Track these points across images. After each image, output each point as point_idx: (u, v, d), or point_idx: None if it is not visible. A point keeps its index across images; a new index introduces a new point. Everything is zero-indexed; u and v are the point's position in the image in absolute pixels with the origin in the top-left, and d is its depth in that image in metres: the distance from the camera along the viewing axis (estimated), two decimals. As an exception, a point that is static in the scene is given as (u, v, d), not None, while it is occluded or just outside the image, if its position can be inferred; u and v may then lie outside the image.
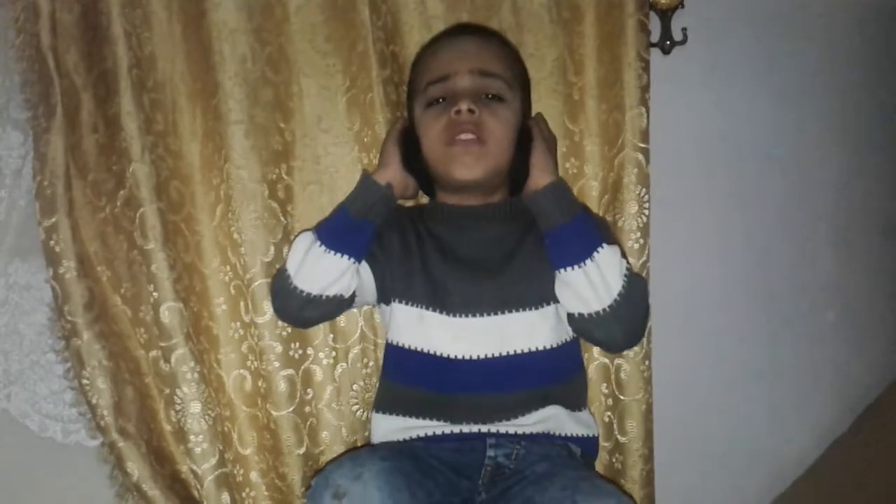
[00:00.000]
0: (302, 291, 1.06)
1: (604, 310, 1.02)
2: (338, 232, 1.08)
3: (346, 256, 1.06)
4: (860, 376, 1.42)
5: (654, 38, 1.27)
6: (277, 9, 1.17)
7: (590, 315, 1.03)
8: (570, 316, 1.06)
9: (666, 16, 1.29)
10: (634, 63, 1.15)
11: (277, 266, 1.16)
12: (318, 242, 1.06)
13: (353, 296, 1.10)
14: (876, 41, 1.40)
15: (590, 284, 1.02)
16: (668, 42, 1.30)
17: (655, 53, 1.25)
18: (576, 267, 1.02)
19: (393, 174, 1.09)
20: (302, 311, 1.08)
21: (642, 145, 1.16)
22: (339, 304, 1.09)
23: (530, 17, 1.20)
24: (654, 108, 1.17)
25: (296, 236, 1.11)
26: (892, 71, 1.41)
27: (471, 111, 1.05)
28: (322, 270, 1.06)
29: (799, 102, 1.37)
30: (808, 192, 1.40)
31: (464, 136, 1.06)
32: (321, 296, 1.07)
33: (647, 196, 1.18)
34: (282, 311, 1.12)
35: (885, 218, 1.43)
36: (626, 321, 1.05)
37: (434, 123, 1.08)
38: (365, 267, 1.10)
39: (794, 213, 1.39)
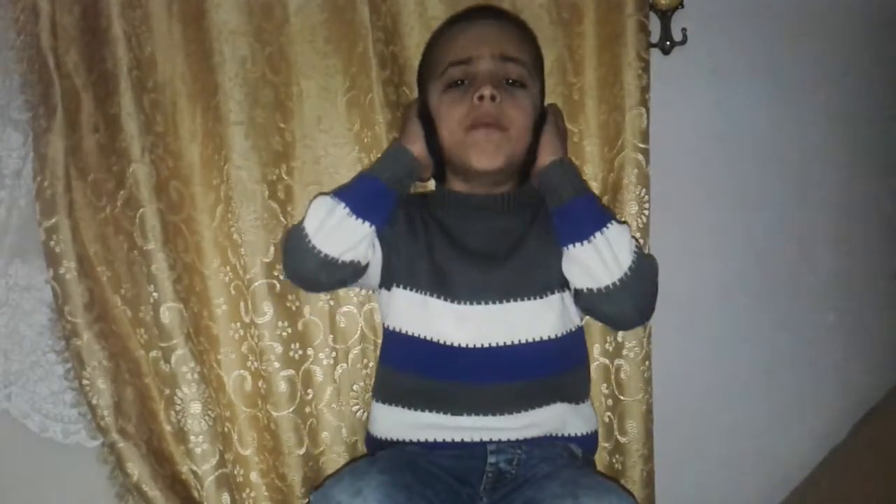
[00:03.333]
0: (320, 252, 1.04)
1: (614, 283, 1.01)
2: (366, 198, 1.05)
3: (367, 223, 1.04)
4: (860, 377, 1.42)
5: (654, 38, 1.27)
6: (277, 10, 1.17)
7: (599, 290, 1.02)
8: (577, 293, 1.05)
9: (666, 16, 1.29)
10: (634, 63, 1.15)
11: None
12: (343, 205, 1.04)
13: (367, 266, 1.08)
14: (876, 41, 1.39)
15: (599, 259, 1.00)
16: (667, 42, 1.30)
17: (655, 54, 1.25)
18: (585, 242, 1.01)
19: (419, 150, 1.08)
20: (318, 272, 1.05)
21: (642, 146, 1.16)
22: (355, 272, 1.07)
23: (530, 17, 1.20)
24: (653, 108, 1.17)
25: (312, 199, 1.09)
26: (893, 71, 1.40)
27: (493, 98, 1.03)
28: (344, 234, 1.03)
29: (799, 102, 1.37)
30: (808, 192, 1.39)
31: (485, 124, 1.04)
32: (338, 259, 1.04)
33: (646, 196, 1.18)
34: (295, 272, 1.08)
35: (885, 218, 1.43)
36: (637, 295, 1.03)
37: (454, 107, 1.06)
38: (376, 243, 1.08)
39: (794, 213, 1.39)
